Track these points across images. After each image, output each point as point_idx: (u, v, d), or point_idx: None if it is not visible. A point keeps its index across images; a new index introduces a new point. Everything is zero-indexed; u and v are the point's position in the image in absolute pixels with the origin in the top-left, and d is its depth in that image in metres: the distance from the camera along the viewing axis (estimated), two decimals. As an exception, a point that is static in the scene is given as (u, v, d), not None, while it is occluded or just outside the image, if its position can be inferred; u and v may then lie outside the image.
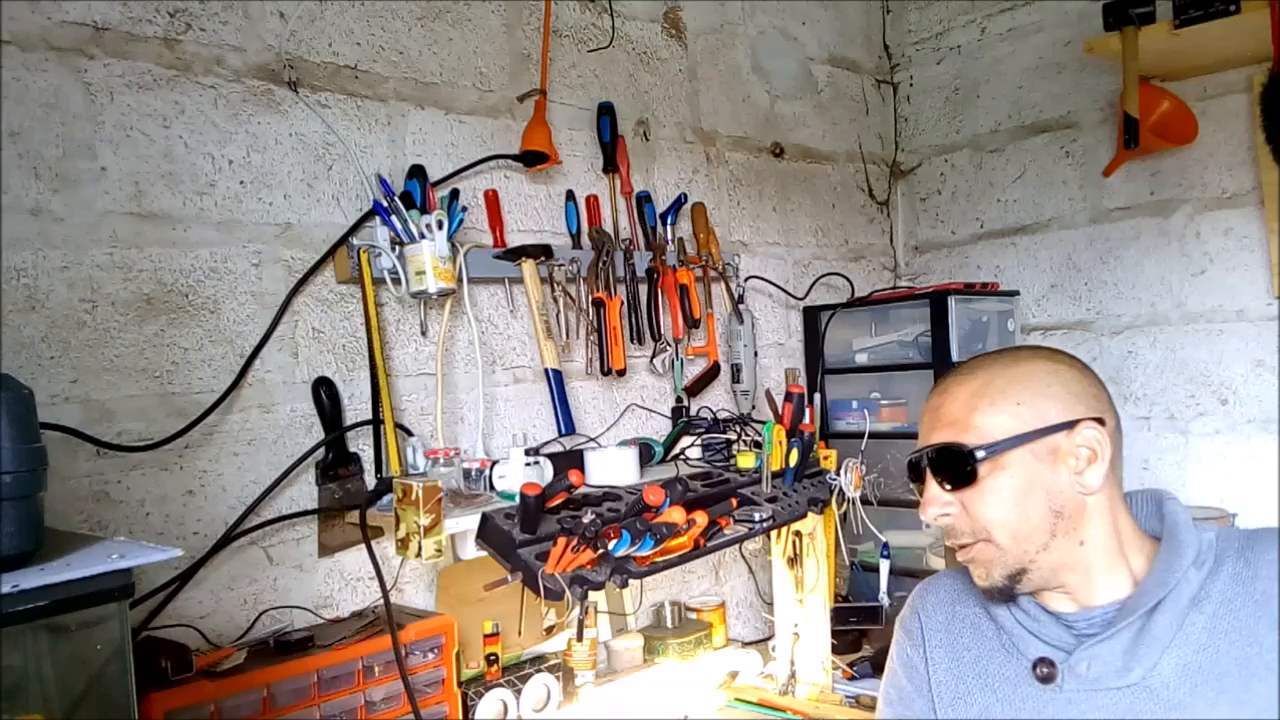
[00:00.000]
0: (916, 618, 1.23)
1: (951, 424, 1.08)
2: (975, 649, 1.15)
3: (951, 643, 1.17)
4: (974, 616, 1.17)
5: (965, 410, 1.08)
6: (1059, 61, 2.55)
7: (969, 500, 1.06)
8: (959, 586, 1.21)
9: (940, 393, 1.13)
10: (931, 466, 1.09)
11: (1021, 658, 1.09)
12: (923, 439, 1.12)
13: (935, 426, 1.10)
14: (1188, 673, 0.99)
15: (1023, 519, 1.05)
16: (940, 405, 1.11)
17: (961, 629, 1.17)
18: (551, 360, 1.91)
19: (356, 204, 1.72)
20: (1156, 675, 1.00)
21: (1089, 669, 1.03)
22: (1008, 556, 1.06)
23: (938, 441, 1.09)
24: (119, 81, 1.47)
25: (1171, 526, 1.07)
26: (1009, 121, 2.67)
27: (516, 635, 1.77)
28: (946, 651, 1.17)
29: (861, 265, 2.81)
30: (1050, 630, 1.08)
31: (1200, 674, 0.99)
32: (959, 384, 1.11)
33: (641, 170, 2.22)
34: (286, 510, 1.61)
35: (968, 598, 1.19)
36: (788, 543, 1.92)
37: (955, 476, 1.07)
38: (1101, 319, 2.51)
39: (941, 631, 1.19)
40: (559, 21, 2.06)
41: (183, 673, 1.32)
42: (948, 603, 1.21)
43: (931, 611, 1.22)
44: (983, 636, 1.15)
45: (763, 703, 1.87)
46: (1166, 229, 2.38)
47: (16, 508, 0.92)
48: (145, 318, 1.49)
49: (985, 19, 2.70)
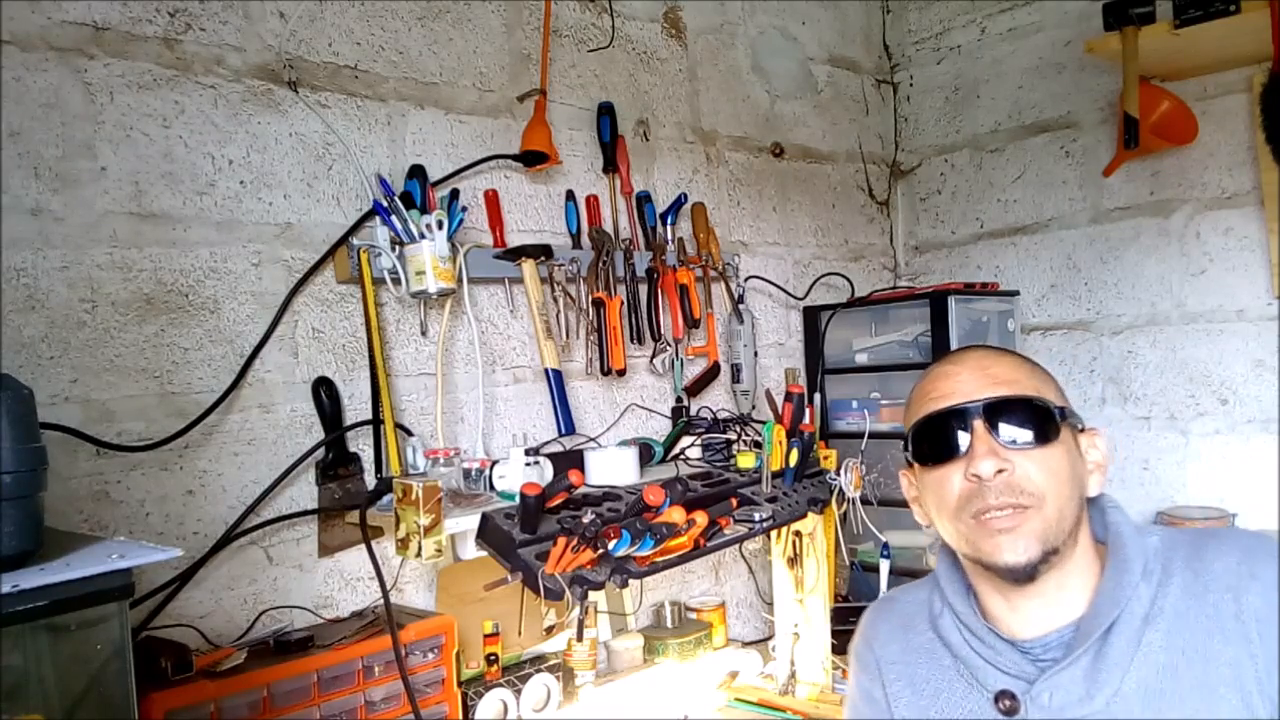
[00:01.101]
0: (870, 649, 1.17)
1: (1010, 383, 1.03)
2: (934, 680, 1.09)
3: (910, 675, 1.11)
4: (928, 644, 1.11)
5: (1020, 374, 1.04)
6: (1059, 61, 2.55)
7: (1029, 461, 1.00)
8: (909, 611, 1.15)
9: (977, 355, 1.08)
10: (1002, 416, 1.01)
11: (981, 689, 1.03)
12: (968, 394, 1.03)
13: (988, 382, 1.04)
14: (1149, 696, 0.95)
15: (1067, 496, 1.00)
16: (987, 365, 1.06)
17: (918, 659, 1.11)
18: (551, 360, 1.91)
19: (356, 204, 1.72)
20: (1119, 701, 0.95)
21: (1051, 699, 0.98)
22: (1050, 531, 0.99)
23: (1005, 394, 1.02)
24: (119, 81, 1.47)
25: (1116, 537, 1.03)
26: (1009, 121, 2.67)
27: (516, 635, 1.77)
28: (906, 685, 1.11)
29: (861, 265, 2.81)
30: (1008, 658, 1.02)
31: (1162, 699, 0.94)
32: (998, 353, 1.08)
33: (641, 170, 2.22)
34: (286, 510, 1.61)
35: (920, 623, 1.13)
36: (788, 543, 1.92)
37: (1029, 431, 1.00)
38: (1101, 319, 2.51)
39: (899, 663, 1.13)
40: (559, 21, 2.06)
41: (183, 673, 1.32)
42: (900, 631, 1.14)
43: (885, 642, 1.15)
44: (940, 666, 1.09)
45: (763, 703, 1.87)
46: (1166, 229, 2.38)
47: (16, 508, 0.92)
48: (145, 318, 1.48)
49: (985, 19, 2.70)
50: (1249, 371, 2.27)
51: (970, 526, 1.01)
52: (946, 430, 1.03)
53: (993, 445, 1.00)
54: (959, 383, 1.05)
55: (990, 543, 1.00)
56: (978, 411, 1.02)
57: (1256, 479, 2.24)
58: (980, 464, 1.00)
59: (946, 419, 1.03)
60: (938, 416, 1.04)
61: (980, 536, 1.01)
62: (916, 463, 1.08)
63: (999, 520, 0.99)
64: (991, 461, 0.99)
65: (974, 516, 1.01)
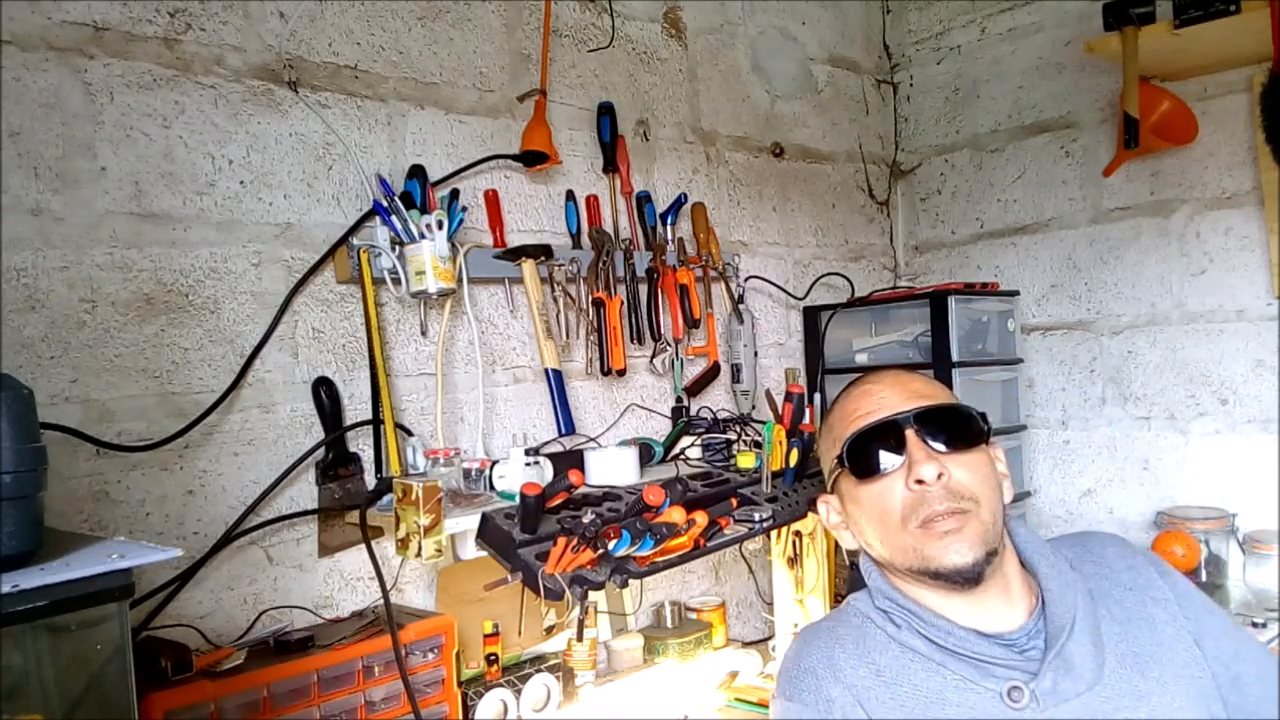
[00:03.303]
0: (838, 681, 1.05)
1: (930, 396, 1.10)
2: (927, 689, 1.03)
3: (893, 693, 1.04)
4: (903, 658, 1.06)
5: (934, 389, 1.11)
6: (1059, 61, 2.55)
7: (963, 466, 1.05)
8: (854, 636, 1.10)
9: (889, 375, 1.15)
10: (930, 425, 1.06)
11: (982, 687, 1.01)
12: (896, 407, 1.08)
13: (911, 396, 1.10)
14: (1125, 661, 1.02)
15: (996, 499, 1.07)
16: (904, 383, 1.12)
17: (897, 676, 1.05)
18: (551, 360, 1.91)
19: (356, 204, 1.72)
20: (1109, 674, 1.01)
21: (1056, 685, 1.00)
22: (988, 533, 1.04)
23: (934, 403, 1.08)
24: (119, 81, 1.47)
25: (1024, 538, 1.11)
26: (1009, 121, 2.67)
27: (516, 635, 1.77)
28: (894, 706, 1.03)
29: (861, 265, 2.81)
30: (999, 653, 1.02)
31: (1135, 660, 1.03)
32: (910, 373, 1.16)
33: (641, 170, 2.22)
34: (286, 510, 1.61)
35: (876, 643, 1.08)
36: (788, 543, 1.92)
37: (957, 438, 1.06)
38: (1101, 319, 2.51)
39: (875, 687, 1.04)
40: (559, 21, 2.06)
41: (183, 673, 1.32)
42: (862, 655, 1.07)
43: (852, 670, 1.06)
44: (929, 674, 1.04)
45: (763, 703, 1.87)
46: (1166, 229, 2.38)
47: (16, 508, 0.92)
48: (145, 318, 1.49)
49: (985, 19, 2.70)
50: (1249, 371, 2.27)
51: (917, 536, 1.05)
52: (880, 442, 1.07)
53: (929, 451, 1.05)
54: (882, 399, 1.11)
55: (937, 547, 1.03)
56: (909, 420, 1.07)
57: (1256, 479, 2.24)
58: (922, 469, 1.04)
59: (879, 431, 1.08)
60: (870, 430, 1.08)
61: (926, 543, 1.04)
62: (854, 477, 1.10)
63: (944, 523, 1.03)
64: (932, 465, 1.04)
65: (920, 525, 1.04)
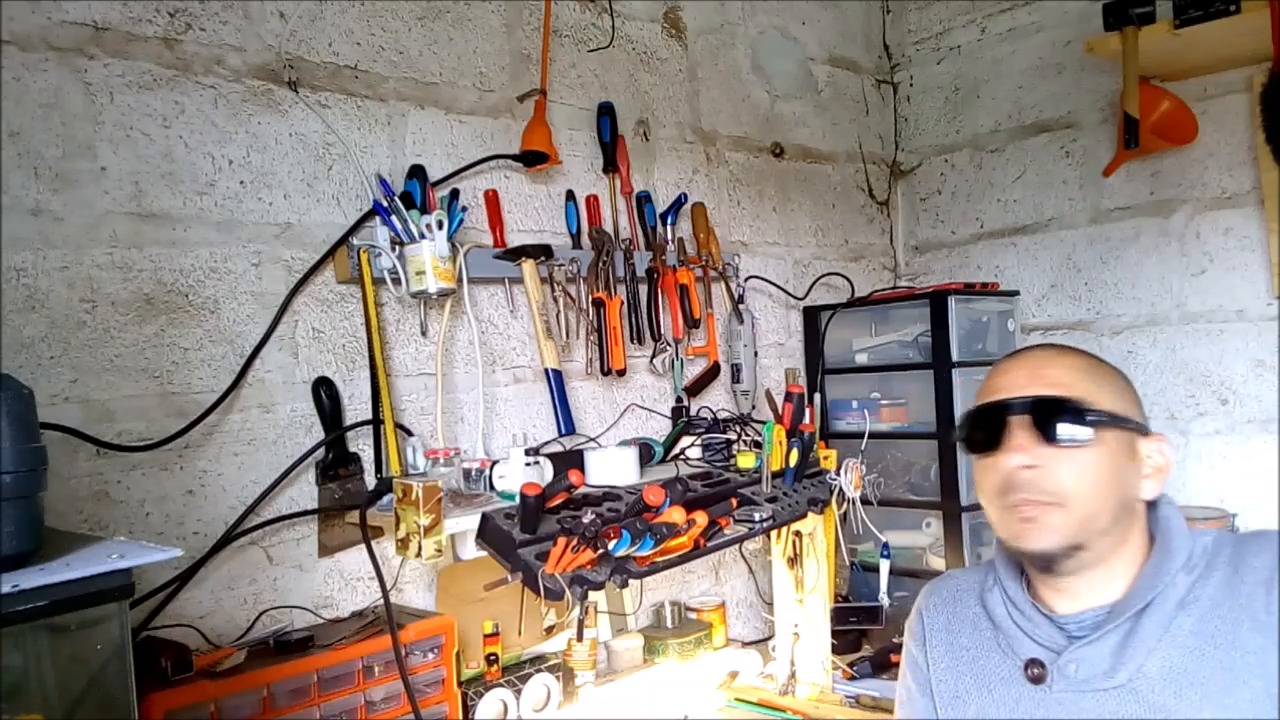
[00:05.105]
0: (920, 618, 1.26)
1: (1058, 385, 1.09)
2: (973, 648, 1.17)
3: (951, 642, 1.20)
4: (974, 616, 1.20)
5: (1074, 377, 1.10)
6: (1059, 61, 2.55)
7: (1060, 460, 1.05)
8: (962, 586, 1.24)
9: (1039, 354, 1.14)
10: (1035, 415, 1.07)
11: (1015, 657, 1.12)
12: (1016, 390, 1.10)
13: (1037, 382, 1.09)
14: (1172, 675, 1.01)
15: (1099, 498, 1.05)
16: (1043, 366, 1.12)
17: (961, 628, 1.20)
18: (551, 360, 1.91)
19: (356, 204, 1.72)
20: (1142, 677, 1.02)
21: (1077, 670, 1.05)
22: (1073, 529, 1.05)
23: (1047, 394, 1.08)
24: (119, 81, 1.47)
25: (1165, 531, 1.10)
26: (1009, 121, 2.67)
27: (516, 635, 1.77)
28: (946, 650, 1.20)
29: (861, 265, 2.81)
30: (1043, 631, 1.10)
31: (1185, 677, 1.01)
32: (1061, 354, 1.14)
33: (641, 170, 2.22)
34: (286, 510, 1.61)
35: (969, 597, 1.22)
36: (788, 543, 1.92)
37: (1059, 433, 1.06)
38: (1101, 319, 2.51)
39: (943, 631, 1.22)
40: (559, 21, 2.06)
41: (183, 673, 1.32)
42: (950, 602, 1.23)
43: (934, 612, 1.24)
44: (981, 636, 1.18)
45: (763, 703, 1.87)
46: (1166, 229, 2.38)
47: (16, 508, 0.92)
48: (145, 318, 1.49)
49: (985, 19, 2.70)
50: (1249, 371, 2.27)
51: (1005, 514, 1.09)
52: (988, 423, 1.10)
53: (1024, 442, 1.07)
54: (1013, 379, 1.12)
55: (1017, 529, 1.08)
56: (1018, 408, 1.08)
57: (1256, 479, 2.24)
58: (1012, 458, 1.07)
59: (991, 412, 1.11)
60: (985, 409, 1.12)
61: (1009, 523, 1.09)
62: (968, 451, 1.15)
63: (1025, 510, 1.06)
64: (1020, 457, 1.06)
65: (1007, 505, 1.08)
